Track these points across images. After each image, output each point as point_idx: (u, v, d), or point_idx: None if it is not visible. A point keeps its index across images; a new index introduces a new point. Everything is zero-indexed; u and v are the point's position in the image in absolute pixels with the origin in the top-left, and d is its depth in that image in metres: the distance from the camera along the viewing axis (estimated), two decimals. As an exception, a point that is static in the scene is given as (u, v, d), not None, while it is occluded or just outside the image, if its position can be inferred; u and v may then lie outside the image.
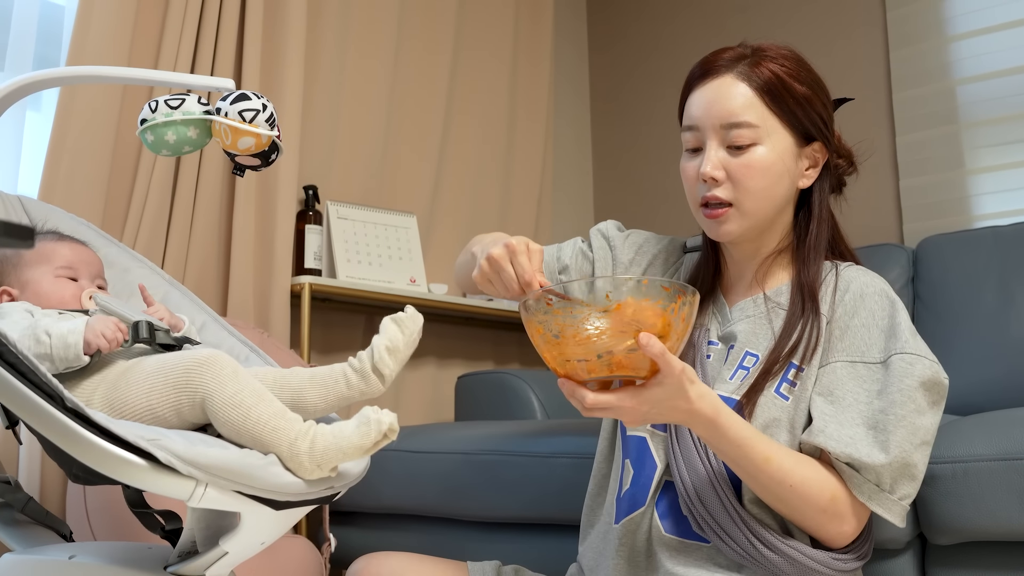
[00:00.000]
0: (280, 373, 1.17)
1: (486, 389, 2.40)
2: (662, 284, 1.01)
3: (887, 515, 1.10)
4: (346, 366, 1.14)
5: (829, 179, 1.27)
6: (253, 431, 1.01)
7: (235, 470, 0.95)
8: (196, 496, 0.93)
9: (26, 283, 1.25)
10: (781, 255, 1.26)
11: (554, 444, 1.70)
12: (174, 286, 1.44)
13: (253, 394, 1.03)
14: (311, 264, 2.35)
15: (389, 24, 2.65)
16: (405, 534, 1.90)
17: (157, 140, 1.30)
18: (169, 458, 0.91)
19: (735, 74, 1.21)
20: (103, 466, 0.92)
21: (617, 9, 3.40)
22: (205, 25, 2.15)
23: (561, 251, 1.43)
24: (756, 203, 1.20)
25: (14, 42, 1.97)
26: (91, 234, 1.43)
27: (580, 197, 3.34)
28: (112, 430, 0.92)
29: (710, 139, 1.21)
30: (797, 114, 1.20)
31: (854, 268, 1.24)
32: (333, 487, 1.06)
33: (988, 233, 2.14)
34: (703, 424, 1.06)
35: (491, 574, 1.27)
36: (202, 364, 1.04)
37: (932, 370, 1.12)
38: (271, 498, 0.98)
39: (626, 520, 1.19)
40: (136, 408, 1.06)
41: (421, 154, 2.72)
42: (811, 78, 1.23)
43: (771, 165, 1.19)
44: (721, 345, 1.25)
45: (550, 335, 0.99)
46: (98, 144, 1.97)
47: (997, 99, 2.51)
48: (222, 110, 1.29)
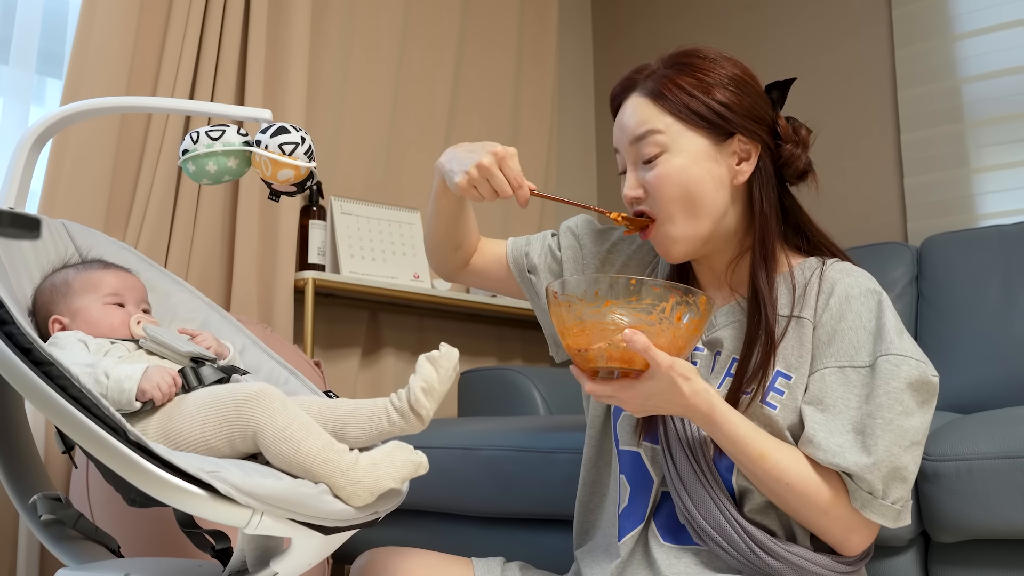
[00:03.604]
0: (324, 403, 1.22)
1: (489, 385, 2.40)
2: (652, 284, 1.05)
3: (881, 520, 1.09)
4: (388, 403, 1.17)
5: (772, 170, 1.20)
6: (304, 463, 1.06)
7: (289, 499, 1.00)
8: (253, 524, 0.98)
9: (76, 312, 1.29)
10: (745, 256, 1.22)
11: (557, 440, 1.70)
12: (214, 309, 1.49)
13: (302, 428, 1.07)
14: (315, 259, 2.35)
15: (394, 21, 2.65)
16: (408, 530, 1.90)
17: (199, 170, 1.34)
18: (228, 489, 0.96)
19: (637, 92, 1.21)
20: (165, 496, 0.97)
21: (622, 7, 3.40)
22: (210, 20, 2.16)
23: (530, 246, 1.41)
24: (681, 208, 1.17)
25: (18, 37, 1.97)
26: (133, 259, 1.47)
27: (584, 194, 3.34)
28: (174, 463, 0.97)
29: (628, 160, 1.21)
30: (702, 113, 1.17)
31: (838, 267, 1.20)
32: (377, 511, 1.12)
33: (993, 232, 2.13)
34: (699, 419, 1.08)
35: (496, 570, 1.27)
36: (251, 399, 1.09)
37: (919, 370, 1.10)
38: (322, 524, 1.04)
39: (627, 537, 1.19)
40: (190, 439, 1.11)
41: (425, 150, 2.72)
42: (727, 78, 1.18)
43: (682, 170, 1.16)
44: (707, 352, 1.23)
45: (560, 326, 1.07)
46: (102, 139, 1.97)
47: (1002, 98, 2.50)
48: (262, 143, 1.33)
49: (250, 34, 2.24)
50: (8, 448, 1.31)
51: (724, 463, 1.15)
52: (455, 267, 1.42)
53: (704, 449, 1.15)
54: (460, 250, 1.40)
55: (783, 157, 1.21)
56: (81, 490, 1.64)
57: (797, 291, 1.18)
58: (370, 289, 2.37)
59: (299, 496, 1.01)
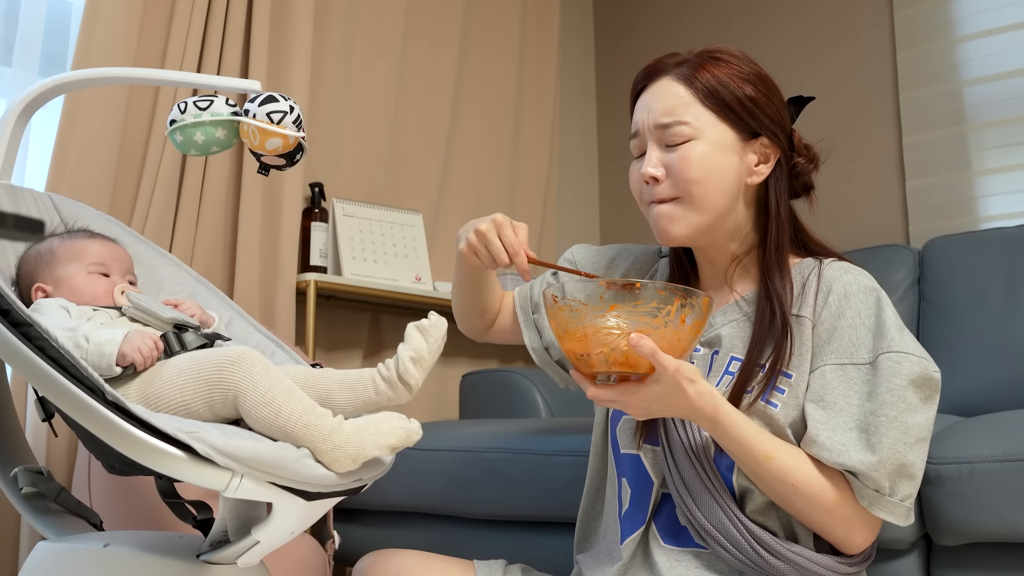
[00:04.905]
0: (310, 372, 1.20)
1: (491, 387, 2.40)
2: (656, 287, 1.04)
3: (890, 518, 1.09)
4: (375, 372, 1.15)
5: (786, 178, 1.24)
6: (285, 427, 1.03)
7: (269, 462, 0.97)
8: (232, 487, 0.95)
9: (60, 280, 1.27)
10: (749, 257, 1.24)
11: (559, 442, 1.70)
12: (201, 283, 1.47)
13: (284, 391, 1.05)
14: (316, 261, 2.35)
15: (396, 22, 2.65)
16: (409, 532, 1.90)
17: (186, 140, 1.32)
18: (207, 450, 0.93)
19: (672, 76, 1.22)
20: (143, 457, 0.94)
21: (623, 8, 3.40)
22: (212, 22, 2.16)
23: (532, 288, 1.44)
24: (701, 192, 1.18)
25: (22, 38, 1.97)
26: (120, 231, 1.46)
27: (586, 195, 3.34)
28: (152, 423, 0.94)
29: (649, 141, 1.21)
30: (736, 110, 1.19)
31: (836, 265, 1.21)
32: (362, 479, 1.09)
33: (994, 235, 2.13)
34: (704, 421, 1.08)
35: (498, 573, 1.27)
36: (234, 362, 1.07)
37: (921, 366, 1.10)
38: (304, 489, 1.01)
39: (629, 540, 1.19)
40: (171, 403, 1.09)
41: (427, 152, 2.72)
42: (755, 73, 1.21)
43: (708, 156, 1.18)
44: (704, 351, 1.23)
45: (559, 331, 1.05)
46: (106, 138, 1.97)
47: (1004, 100, 2.50)
48: (250, 112, 1.31)
49: (252, 37, 2.24)
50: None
51: (724, 463, 1.15)
52: (482, 329, 1.46)
53: (706, 450, 1.15)
54: (487, 313, 1.43)
55: (796, 168, 1.25)
56: (84, 479, 1.64)
57: (796, 289, 1.19)
58: (372, 291, 2.37)
59: (280, 459, 0.98)
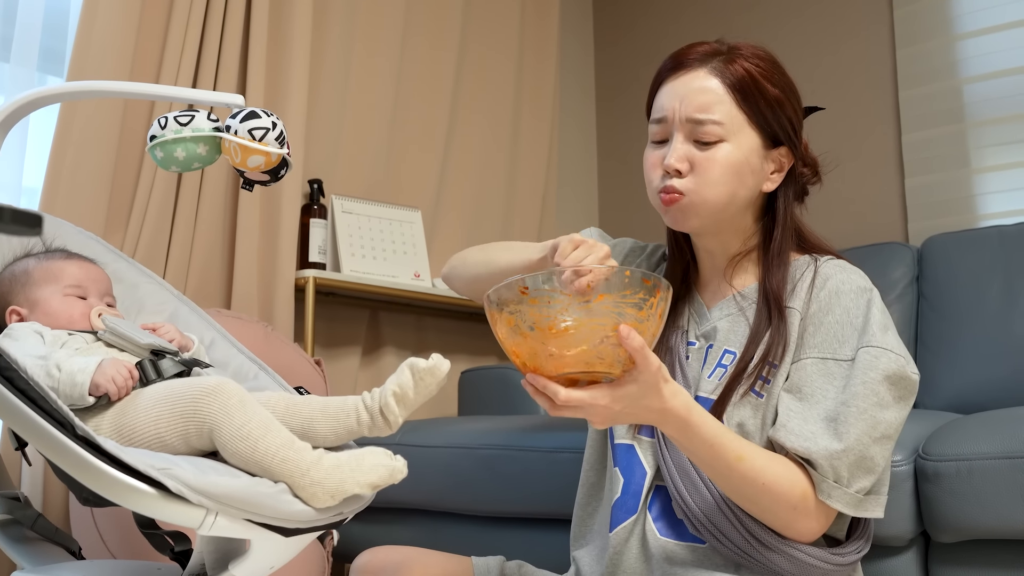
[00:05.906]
0: (291, 400, 1.17)
1: (489, 384, 2.41)
2: (643, 277, 0.99)
3: (841, 507, 1.07)
4: (359, 401, 1.13)
5: (794, 186, 1.25)
6: (262, 462, 1.01)
7: (245, 499, 0.95)
8: (207, 525, 0.93)
9: (35, 302, 1.25)
10: (749, 255, 1.25)
11: (557, 439, 1.70)
12: (183, 302, 1.44)
13: (260, 425, 1.02)
14: (315, 258, 2.35)
15: (395, 19, 2.65)
16: (407, 528, 1.90)
17: (167, 157, 1.30)
18: (180, 487, 0.91)
19: (708, 69, 1.20)
20: (114, 494, 0.92)
21: (623, 6, 3.40)
22: (211, 18, 2.15)
23: None
24: (715, 193, 1.17)
25: (20, 34, 1.97)
26: (100, 249, 1.42)
27: (585, 193, 3.34)
28: (123, 459, 0.91)
29: (677, 132, 1.19)
30: (767, 115, 1.19)
31: (833, 264, 1.21)
32: (342, 512, 1.06)
33: (993, 232, 2.13)
34: (675, 423, 1.05)
35: (495, 569, 1.27)
36: (209, 394, 1.04)
37: (898, 364, 1.10)
38: (281, 526, 0.99)
39: (619, 528, 1.19)
40: (145, 435, 1.06)
41: (426, 149, 2.72)
42: (784, 81, 1.21)
43: (736, 161, 1.17)
44: (699, 344, 1.23)
45: (524, 327, 0.95)
46: (103, 137, 1.97)
47: (1003, 98, 2.50)
48: (231, 128, 1.28)
49: (251, 35, 2.24)
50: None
51: None
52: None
53: None
54: None
55: (801, 179, 1.26)
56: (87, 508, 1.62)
57: (789, 284, 1.20)
58: (371, 288, 2.37)
59: (256, 495, 0.96)
